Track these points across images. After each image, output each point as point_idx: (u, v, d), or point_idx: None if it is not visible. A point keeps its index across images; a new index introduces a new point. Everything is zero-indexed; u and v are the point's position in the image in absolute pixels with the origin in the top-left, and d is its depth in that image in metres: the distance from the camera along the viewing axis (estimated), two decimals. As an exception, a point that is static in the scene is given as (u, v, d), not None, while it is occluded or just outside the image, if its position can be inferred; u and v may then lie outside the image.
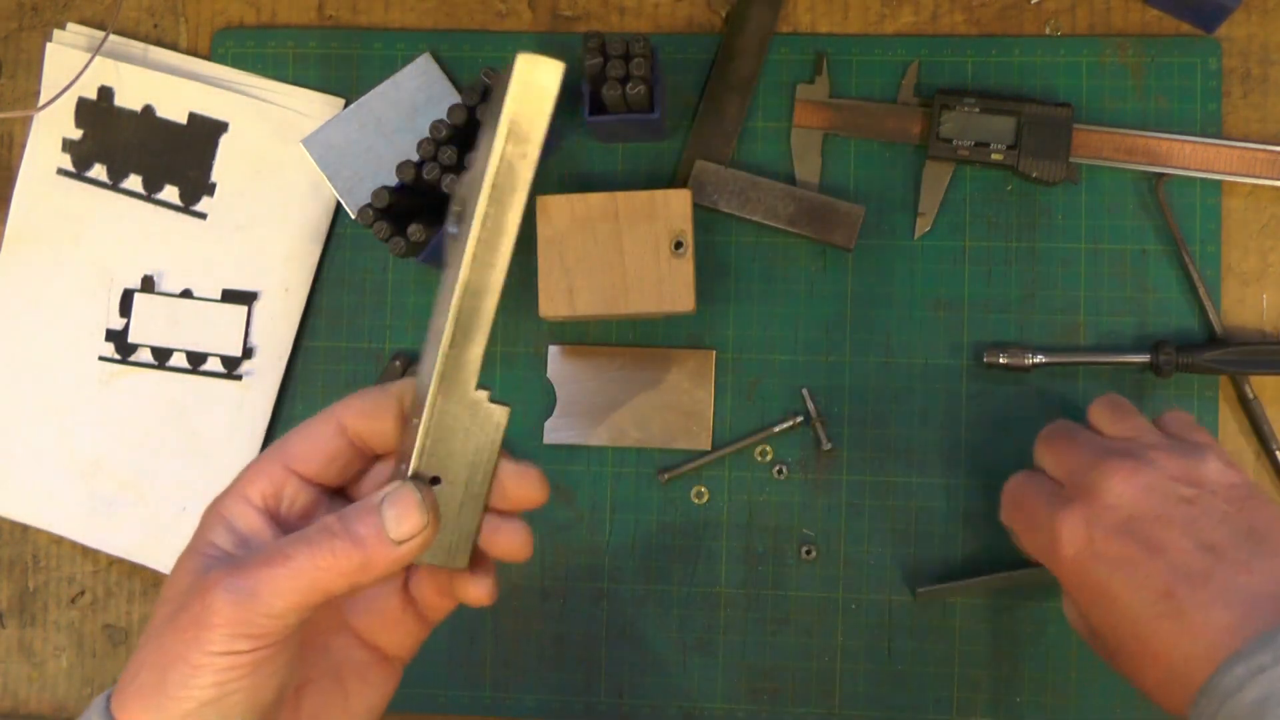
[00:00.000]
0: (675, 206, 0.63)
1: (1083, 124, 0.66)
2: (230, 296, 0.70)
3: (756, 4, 0.68)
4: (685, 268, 0.63)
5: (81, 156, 0.71)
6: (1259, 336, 0.66)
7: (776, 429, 0.67)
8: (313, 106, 0.70)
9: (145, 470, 0.70)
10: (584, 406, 0.68)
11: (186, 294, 0.70)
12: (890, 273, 0.67)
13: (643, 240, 0.63)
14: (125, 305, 0.70)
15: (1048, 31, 0.68)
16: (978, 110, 0.66)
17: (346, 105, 0.70)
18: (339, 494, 0.48)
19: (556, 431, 0.68)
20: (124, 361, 0.70)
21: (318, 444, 0.46)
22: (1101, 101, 0.67)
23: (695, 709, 0.67)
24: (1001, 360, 0.65)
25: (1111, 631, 0.52)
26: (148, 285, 0.70)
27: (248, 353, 0.70)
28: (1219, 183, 0.66)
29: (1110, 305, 0.66)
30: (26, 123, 0.72)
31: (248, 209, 0.70)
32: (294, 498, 0.46)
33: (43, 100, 0.70)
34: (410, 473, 0.43)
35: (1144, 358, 0.65)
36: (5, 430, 0.70)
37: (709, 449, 0.67)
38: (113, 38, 0.71)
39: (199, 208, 0.71)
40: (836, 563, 0.67)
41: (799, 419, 0.67)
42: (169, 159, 0.71)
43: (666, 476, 0.67)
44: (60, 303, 0.71)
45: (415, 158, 0.65)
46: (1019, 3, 0.68)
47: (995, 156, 0.65)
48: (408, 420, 0.45)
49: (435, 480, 0.44)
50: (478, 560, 0.46)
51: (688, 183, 0.67)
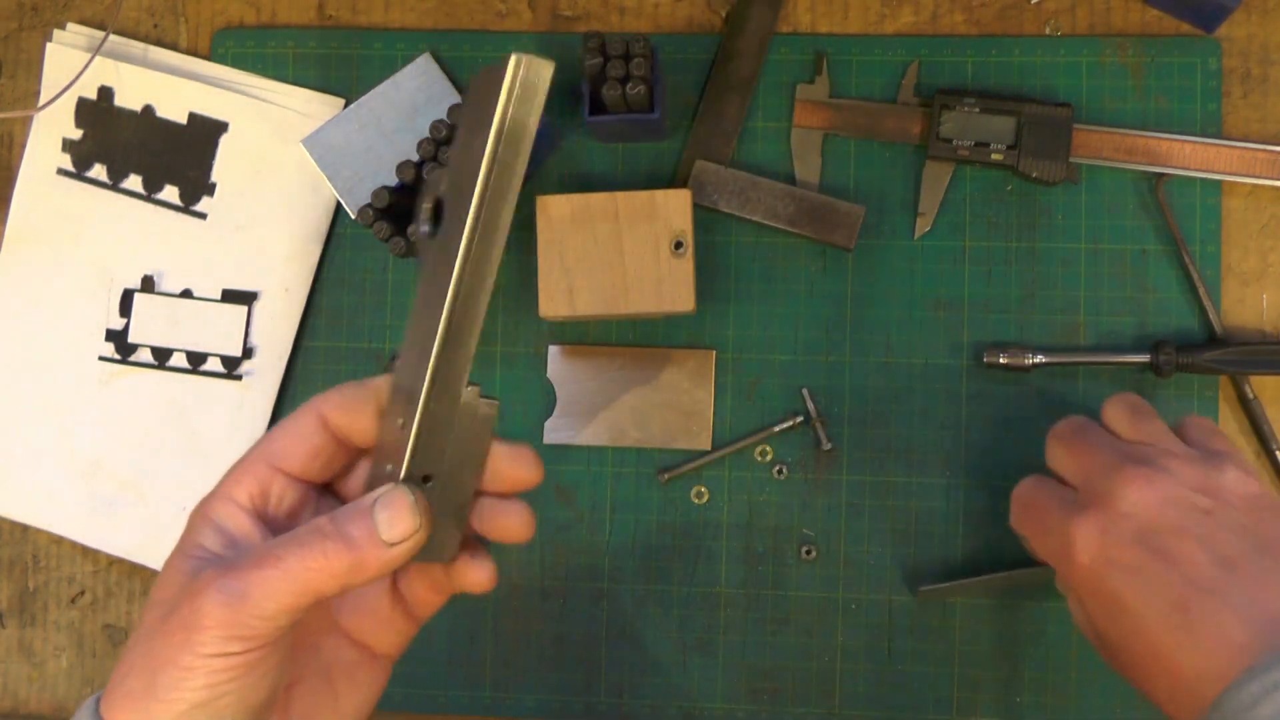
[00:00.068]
0: (675, 206, 0.63)
1: (1083, 124, 0.66)
2: (230, 296, 0.70)
3: (756, 4, 0.68)
4: (685, 268, 0.63)
5: (81, 156, 0.71)
6: (1259, 336, 0.66)
7: (776, 429, 0.67)
8: (313, 106, 0.70)
9: (145, 470, 0.70)
10: (584, 406, 0.68)
11: (186, 294, 0.70)
12: (890, 273, 0.67)
13: (643, 240, 0.63)
14: (125, 305, 0.70)
15: (1048, 31, 0.68)
16: (978, 110, 0.66)
17: (346, 105, 0.70)
18: (325, 490, 0.48)
19: (556, 431, 0.68)
20: (124, 361, 0.70)
21: (302, 440, 0.46)
22: (1101, 101, 0.67)
23: (695, 709, 0.67)
24: (1001, 360, 0.65)
25: (1123, 641, 0.51)
26: (148, 285, 0.70)
27: (248, 353, 0.70)
28: (1219, 183, 0.66)
29: (1110, 305, 0.66)
30: (26, 123, 0.72)
31: (248, 209, 0.70)
32: (281, 496, 0.45)
33: (43, 100, 0.70)
34: (403, 474, 0.43)
35: (1144, 358, 0.65)
36: (5, 430, 0.70)
37: (709, 449, 0.67)
38: (113, 38, 0.71)
39: (199, 208, 0.71)
40: (836, 563, 0.67)
41: (799, 419, 0.67)
42: (169, 159, 0.71)
43: (666, 476, 0.67)
44: (60, 303, 0.71)
45: (415, 158, 0.65)
46: (1019, 3, 0.68)
47: (995, 156, 0.65)
48: (385, 415, 0.45)
49: (426, 479, 0.43)
50: (473, 546, 0.46)
51: (688, 183, 0.67)
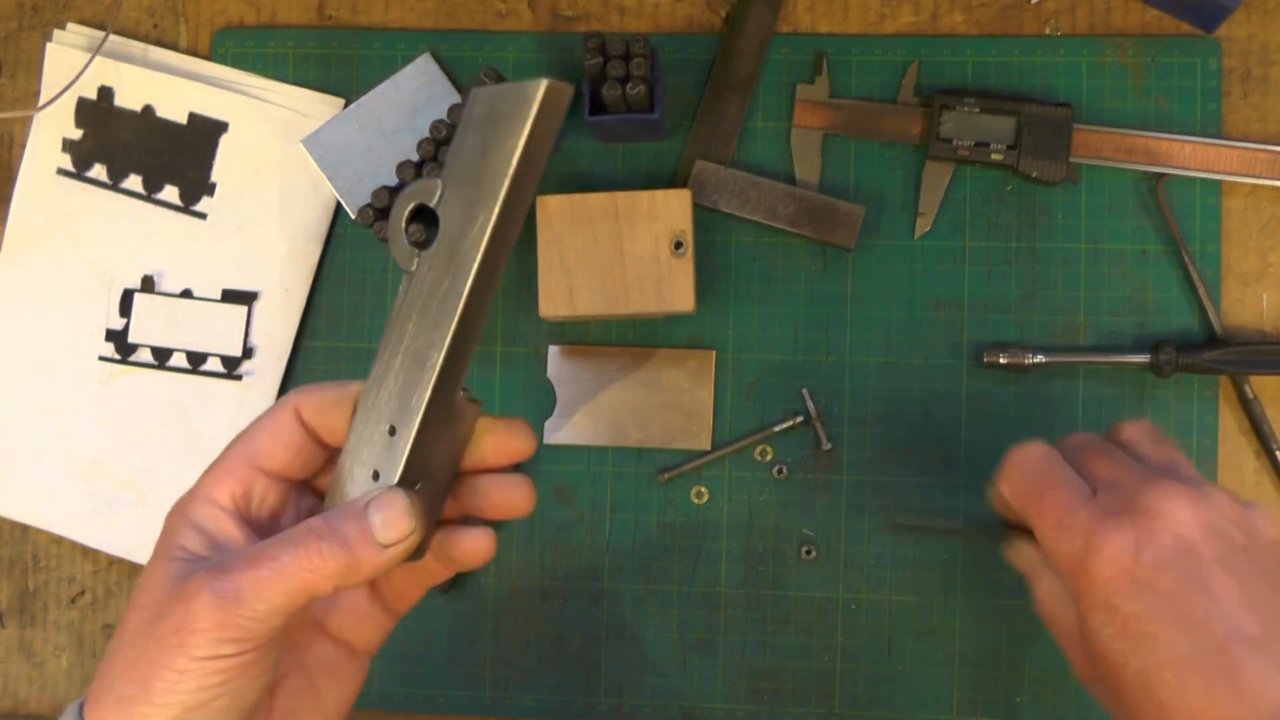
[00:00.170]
0: (675, 206, 0.63)
1: (1083, 124, 0.66)
2: (230, 296, 0.70)
3: (756, 4, 0.68)
4: (685, 268, 0.63)
5: (81, 156, 0.71)
6: (1259, 336, 0.66)
7: (776, 429, 0.67)
8: (313, 106, 0.70)
9: (145, 470, 0.70)
10: (584, 406, 0.68)
11: (186, 294, 0.70)
12: (890, 273, 0.67)
13: (643, 240, 0.63)
14: (125, 305, 0.70)
15: (1048, 31, 0.68)
16: (978, 110, 0.66)
17: (346, 105, 0.70)
18: (304, 487, 0.48)
19: (556, 431, 0.68)
20: (124, 361, 0.70)
21: (281, 438, 0.45)
22: (1101, 101, 0.67)
23: (695, 709, 0.67)
24: (1001, 360, 0.65)
25: (1137, 669, 0.46)
26: (148, 285, 0.70)
27: (248, 353, 0.70)
28: (1219, 183, 0.66)
29: (1110, 305, 0.66)
30: (26, 123, 0.72)
31: (248, 209, 0.70)
32: (264, 496, 0.45)
33: (43, 100, 0.70)
34: (397, 479, 0.43)
35: (1144, 358, 0.65)
36: (5, 430, 0.70)
37: (709, 449, 0.67)
38: (113, 38, 0.71)
39: (199, 208, 0.71)
40: (836, 563, 0.67)
41: (799, 419, 0.67)
42: (169, 159, 0.71)
43: (666, 476, 0.67)
44: (60, 303, 0.71)
45: (415, 158, 0.65)
46: (1019, 3, 0.68)
47: (995, 156, 0.65)
48: (361, 417, 0.45)
49: (415, 482, 0.44)
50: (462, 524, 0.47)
51: (688, 183, 0.67)
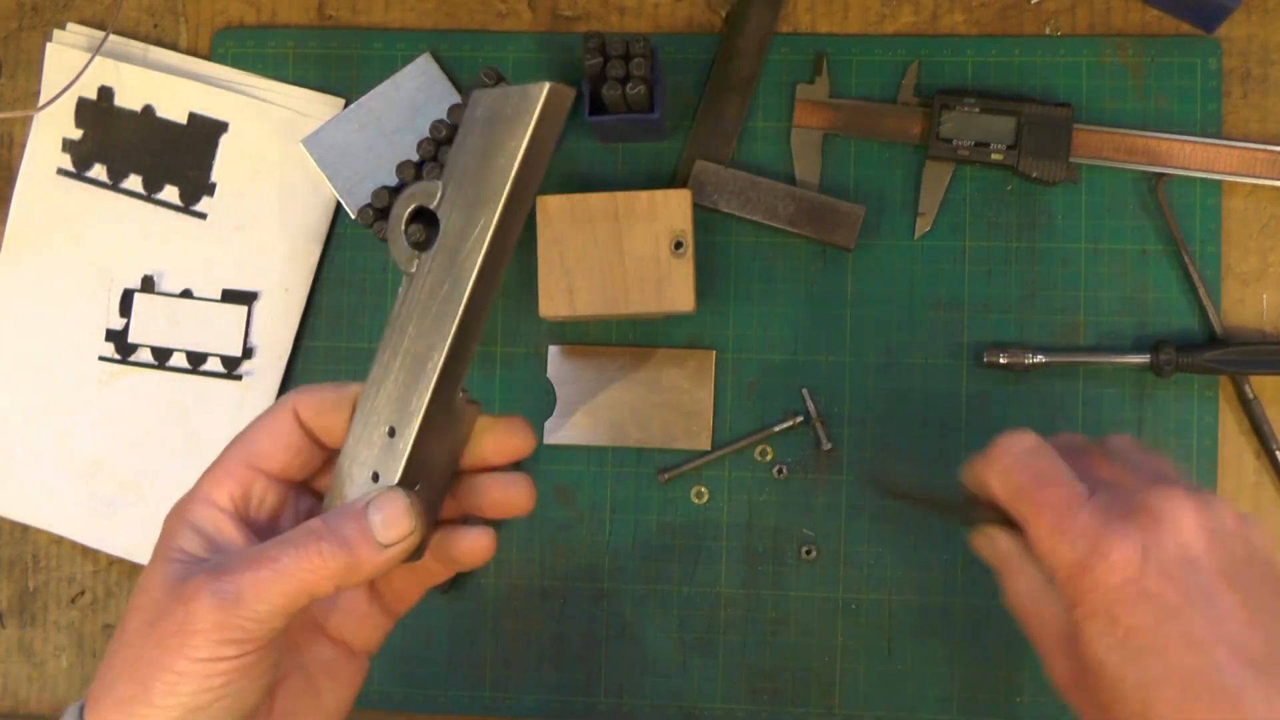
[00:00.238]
0: (675, 206, 0.63)
1: (1083, 124, 0.66)
2: (230, 296, 0.70)
3: (756, 4, 0.68)
4: (685, 268, 0.63)
5: (81, 156, 0.71)
6: (1259, 336, 0.66)
7: (776, 429, 0.67)
8: (313, 106, 0.70)
9: (145, 470, 0.70)
10: (584, 406, 0.68)
11: (186, 294, 0.70)
12: (890, 273, 0.67)
13: (643, 240, 0.63)
14: (125, 305, 0.70)
15: (1048, 31, 0.68)
16: (978, 110, 0.66)
17: (346, 105, 0.70)
18: (302, 489, 0.48)
19: (556, 431, 0.68)
20: (124, 361, 0.70)
21: (280, 439, 0.45)
22: (1101, 101, 0.67)
23: (695, 709, 0.67)
24: (1001, 360, 0.65)
25: (1136, 684, 0.43)
26: (148, 285, 0.70)
27: (248, 353, 0.70)
28: (1219, 183, 0.66)
29: (1110, 305, 0.66)
30: (26, 123, 0.72)
31: (248, 209, 0.70)
32: (263, 498, 0.45)
33: (43, 100, 0.70)
34: (397, 481, 0.43)
35: (1144, 358, 0.65)
36: (5, 430, 0.70)
37: (709, 449, 0.67)
38: (113, 38, 0.71)
39: (199, 208, 0.71)
40: (836, 563, 0.67)
41: (799, 419, 0.67)
42: (169, 159, 0.71)
43: (666, 476, 0.67)
44: (60, 303, 0.71)
45: (415, 158, 0.65)
46: (1019, 3, 0.68)
47: (995, 156, 0.65)
48: (359, 418, 0.45)
49: (414, 483, 0.44)
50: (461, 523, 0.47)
51: (688, 183, 0.67)
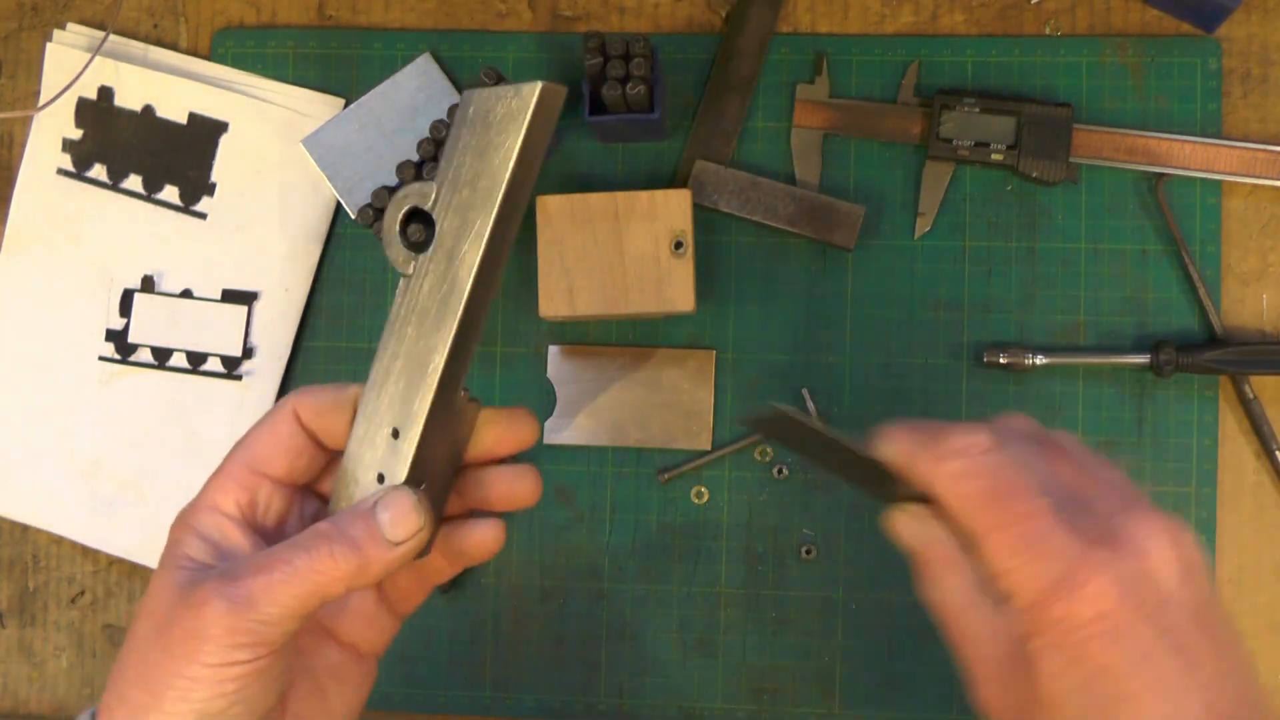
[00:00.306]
0: (675, 206, 0.63)
1: (1083, 124, 0.66)
2: (230, 296, 0.70)
3: (756, 4, 0.68)
4: (685, 268, 0.63)
5: (81, 156, 0.71)
6: (1259, 336, 0.66)
7: (776, 429, 0.67)
8: (313, 106, 0.70)
9: (145, 470, 0.70)
10: (584, 406, 0.68)
11: (186, 294, 0.70)
12: (890, 273, 0.67)
13: (643, 240, 0.63)
14: (125, 305, 0.70)
15: (1048, 31, 0.68)
16: (978, 110, 0.66)
17: (346, 105, 0.70)
18: (308, 492, 0.47)
19: (556, 431, 0.68)
20: (124, 361, 0.70)
21: (282, 442, 0.45)
22: (1101, 101, 0.67)
23: (695, 709, 0.67)
24: (1001, 360, 0.65)
25: None
26: (148, 285, 0.70)
27: (248, 353, 0.70)
28: (1219, 183, 0.66)
29: (1110, 305, 0.66)
30: (26, 123, 0.72)
31: (248, 209, 0.70)
32: (269, 503, 0.45)
33: (43, 100, 0.70)
34: (403, 480, 0.43)
35: (1144, 358, 0.65)
36: (5, 430, 0.70)
37: (709, 449, 0.67)
38: (113, 38, 0.71)
39: (199, 208, 0.70)
40: (836, 563, 0.67)
41: (799, 419, 0.67)
42: (169, 159, 0.71)
43: (666, 476, 0.67)
44: (60, 303, 0.71)
45: (415, 158, 0.65)
46: (1019, 3, 0.68)
47: (995, 156, 0.65)
48: (362, 419, 0.45)
49: (419, 482, 0.44)
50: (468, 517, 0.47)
51: (688, 183, 0.67)
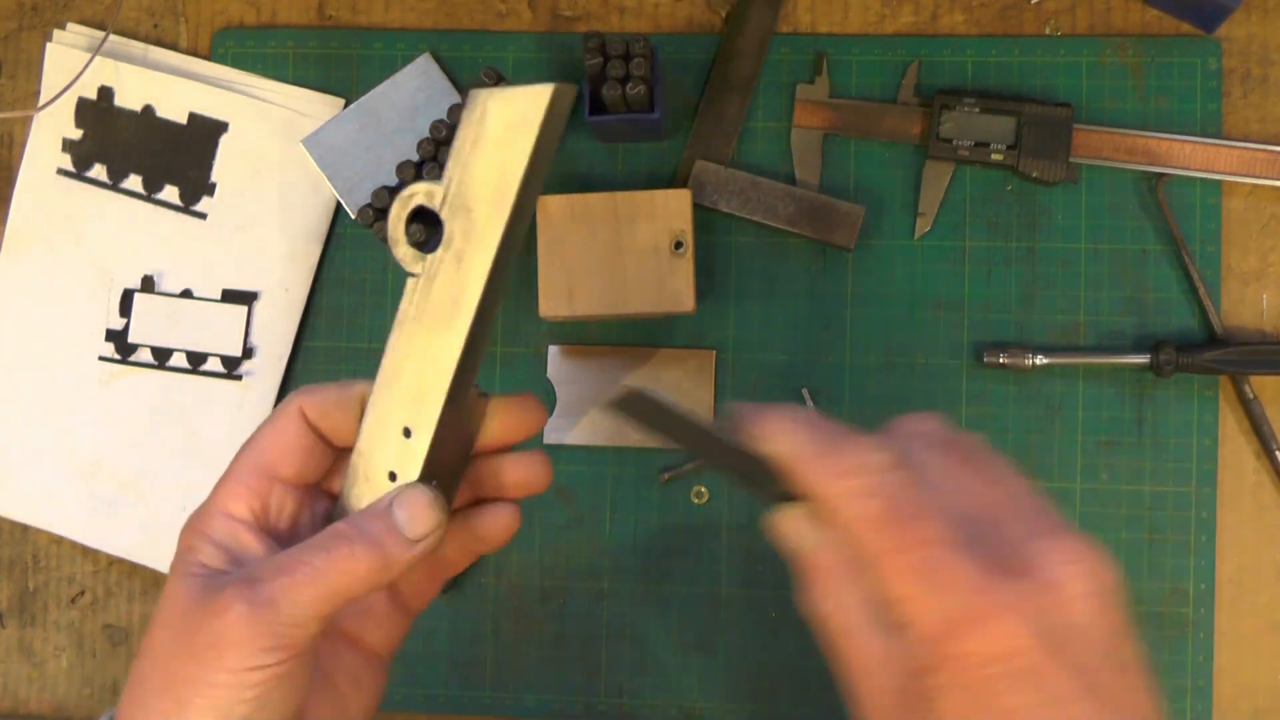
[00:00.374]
0: (675, 206, 0.63)
1: (1083, 124, 0.66)
2: (230, 296, 0.70)
3: (756, 4, 0.68)
4: (685, 268, 0.63)
5: (81, 156, 0.71)
6: (1259, 336, 0.66)
7: (776, 429, 0.67)
8: (313, 106, 0.70)
9: (145, 470, 0.70)
10: (584, 406, 0.68)
11: (186, 294, 0.70)
12: (890, 273, 0.67)
13: (643, 240, 0.63)
14: (125, 305, 0.70)
15: (1048, 31, 0.68)
16: (978, 110, 0.66)
17: (346, 105, 0.70)
18: (317, 492, 0.47)
19: (556, 431, 0.68)
20: (124, 361, 0.70)
21: (290, 442, 0.45)
22: (1101, 101, 0.67)
23: (695, 709, 0.67)
24: (1001, 360, 0.65)
25: None
26: (148, 285, 0.70)
27: (248, 353, 0.70)
28: (1219, 183, 0.66)
29: (1110, 305, 0.66)
30: (26, 123, 0.72)
31: (248, 209, 0.70)
32: (281, 505, 0.45)
33: (43, 100, 0.70)
34: (418, 477, 0.43)
35: (1144, 358, 0.65)
36: (5, 430, 0.70)
37: (709, 449, 0.67)
38: (113, 38, 0.71)
39: (199, 208, 0.70)
40: (836, 563, 0.67)
41: (799, 419, 0.67)
42: (169, 159, 0.71)
43: (666, 476, 0.67)
44: (60, 303, 0.71)
45: (415, 158, 0.65)
46: (1019, 3, 0.68)
47: (995, 156, 0.65)
48: (371, 418, 0.45)
49: (432, 479, 0.44)
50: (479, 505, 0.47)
51: (688, 183, 0.67)
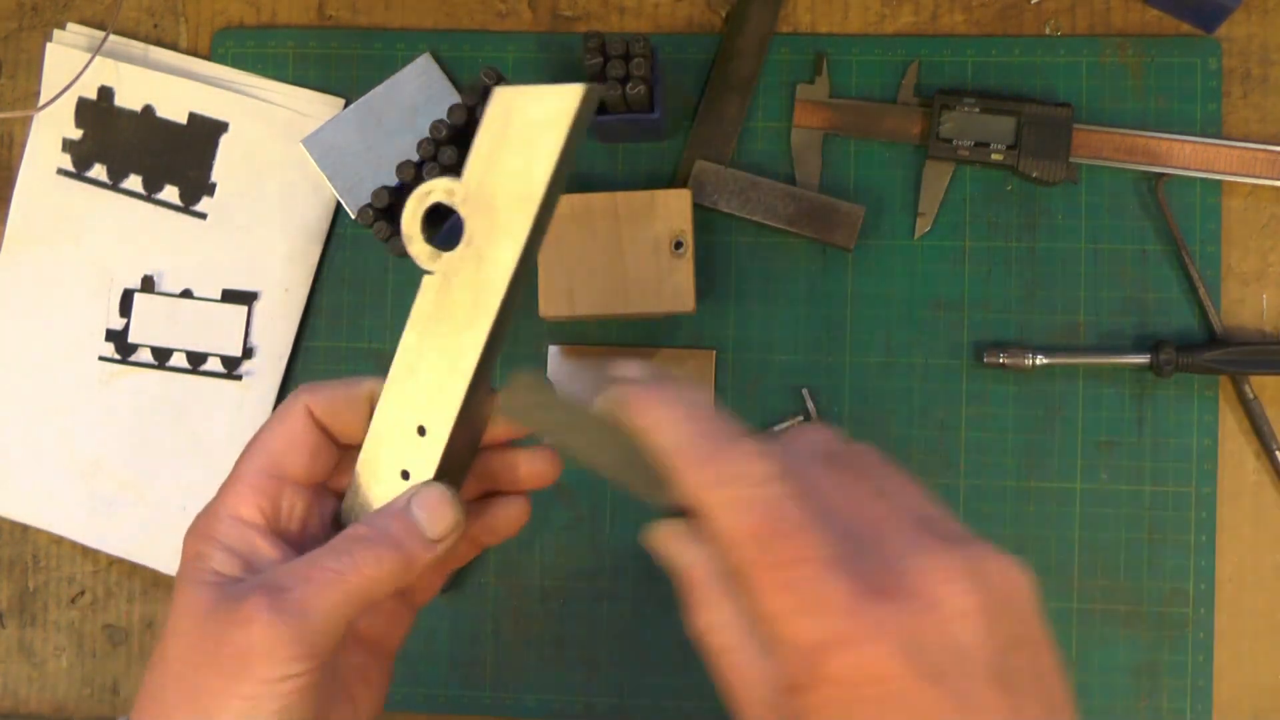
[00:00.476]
0: (675, 206, 0.63)
1: (1083, 124, 0.66)
2: (230, 296, 0.70)
3: (756, 4, 0.68)
4: (685, 268, 0.63)
5: (81, 156, 0.71)
6: (1259, 336, 0.66)
7: (776, 429, 0.67)
8: (313, 106, 0.70)
9: (145, 470, 0.70)
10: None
11: (186, 294, 0.70)
12: (890, 273, 0.67)
13: (643, 240, 0.63)
14: (125, 305, 0.70)
15: (1048, 31, 0.68)
16: (978, 110, 0.66)
17: (346, 105, 0.70)
18: (323, 491, 0.47)
19: (556, 431, 0.68)
20: (124, 361, 0.70)
21: (299, 442, 0.44)
22: (1101, 101, 0.67)
23: (695, 709, 0.67)
24: (1001, 360, 0.65)
25: None
26: (148, 285, 0.70)
27: (248, 353, 0.70)
28: (1219, 183, 0.66)
29: (1110, 305, 0.66)
30: (26, 123, 0.72)
31: (248, 209, 0.70)
32: (291, 506, 0.44)
33: (43, 100, 0.70)
34: (434, 475, 0.43)
35: (1144, 358, 0.65)
36: (5, 430, 0.70)
37: (709, 449, 0.67)
38: (113, 38, 0.71)
39: (199, 208, 0.71)
40: (836, 563, 0.67)
41: (799, 419, 0.67)
42: (169, 159, 0.71)
43: (666, 476, 0.67)
44: (60, 303, 0.71)
45: (415, 158, 0.65)
46: (1019, 3, 0.68)
47: (995, 156, 0.65)
48: (382, 415, 0.44)
49: (447, 476, 0.44)
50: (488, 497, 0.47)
51: (688, 183, 0.67)
